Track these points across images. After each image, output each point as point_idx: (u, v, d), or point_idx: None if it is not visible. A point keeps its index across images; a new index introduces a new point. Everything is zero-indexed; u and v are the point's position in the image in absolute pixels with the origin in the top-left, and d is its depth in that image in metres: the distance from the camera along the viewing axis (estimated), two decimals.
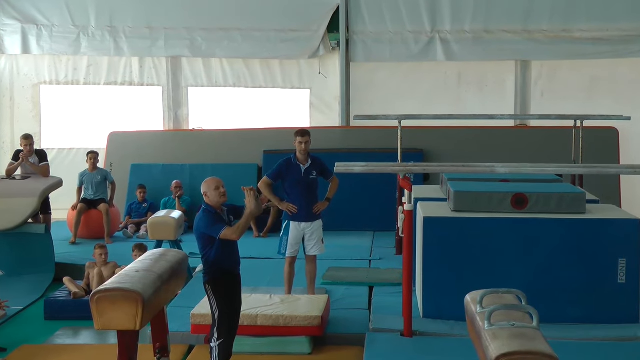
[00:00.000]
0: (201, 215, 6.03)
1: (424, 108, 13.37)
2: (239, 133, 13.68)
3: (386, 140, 12.58)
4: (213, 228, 5.89)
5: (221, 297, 5.96)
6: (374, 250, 10.98)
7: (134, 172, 13.41)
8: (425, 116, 11.70)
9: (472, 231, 7.18)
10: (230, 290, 6.02)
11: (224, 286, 5.98)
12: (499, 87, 13.99)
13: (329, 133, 13.28)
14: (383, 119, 11.33)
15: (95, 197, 11.96)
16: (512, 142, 13.14)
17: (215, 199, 6.02)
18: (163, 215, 9.57)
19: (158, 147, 13.66)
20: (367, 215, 12.52)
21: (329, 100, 14.24)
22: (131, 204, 12.73)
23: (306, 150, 8.01)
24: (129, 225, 12.35)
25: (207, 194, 6.03)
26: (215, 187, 6.03)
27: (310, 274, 8.18)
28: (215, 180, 6.08)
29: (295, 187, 8.00)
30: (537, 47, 13.63)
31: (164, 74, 14.38)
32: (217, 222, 5.91)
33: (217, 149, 13.52)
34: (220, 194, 6.02)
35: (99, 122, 14.43)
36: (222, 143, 13.56)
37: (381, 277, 9.09)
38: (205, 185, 6.07)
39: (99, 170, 12.18)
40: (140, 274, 5.22)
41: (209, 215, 5.96)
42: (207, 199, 6.04)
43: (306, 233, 8.05)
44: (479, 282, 5.93)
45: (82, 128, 14.53)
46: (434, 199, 8.23)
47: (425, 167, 7.54)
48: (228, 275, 6.03)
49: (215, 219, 5.94)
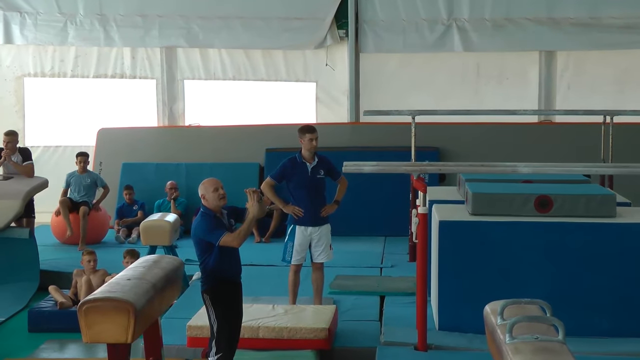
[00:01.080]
0: (199, 219, 6.02)
1: (440, 103, 13.37)
2: (240, 130, 13.70)
3: (398, 137, 12.58)
4: (212, 234, 5.89)
5: (220, 308, 5.97)
6: (386, 257, 10.97)
7: (125, 171, 13.43)
8: (440, 111, 11.70)
9: (492, 236, 7.17)
10: (230, 300, 6.02)
11: (224, 296, 5.99)
12: (521, 80, 13.98)
13: (337, 130, 13.30)
14: (395, 115, 11.30)
15: (79, 199, 12.00)
16: (535, 140, 13.13)
17: (214, 201, 6.01)
18: (157, 219, 9.58)
19: (151, 144, 13.68)
20: (378, 219, 12.52)
21: (336, 94, 14.24)
22: (120, 206, 12.76)
23: (316, 148, 8.00)
24: (120, 230, 12.37)
25: (205, 197, 6.03)
26: (213, 189, 6.02)
27: (316, 282, 8.17)
28: (213, 182, 6.07)
29: (300, 188, 7.99)
30: (562, 36, 13.62)
31: (157, 65, 14.41)
32: (217, 227, 5.91)
33: (215, 146, 13.53)
34: (220, 197, 6.02)
35: (88, 118, 14.47)
36: (221, 140, 13.57)
37: (393, 286, 9.08)
38: (203, 187, 6.07)
39: (89, 174, 12.22)
40: (132, 282, 5.21)
41: (208, 220, 5.96)
42: (205, 201, 6.04)
43: (313, 238, 8.05)
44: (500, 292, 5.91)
45: (69, 124, 14.57)
46: (450, 202, 8.22)
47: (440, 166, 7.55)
48: (228, 284, 6.04)
49: (215, 224, 5.94)
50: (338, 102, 14.23)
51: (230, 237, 5.86)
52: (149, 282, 5.32)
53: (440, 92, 13.86)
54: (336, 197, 8.18)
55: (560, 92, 13.94)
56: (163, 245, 9.45)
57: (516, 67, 13.98)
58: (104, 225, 12.28)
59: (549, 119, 13.69)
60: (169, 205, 12.63)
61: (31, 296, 9.67)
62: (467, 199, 7.65)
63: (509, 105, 13.20)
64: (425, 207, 6.84)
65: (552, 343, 3.91)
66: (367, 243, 11.89)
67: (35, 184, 10.73)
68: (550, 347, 3.87)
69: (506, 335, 3.98)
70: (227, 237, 5.86)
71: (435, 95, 13.80)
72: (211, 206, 6.02)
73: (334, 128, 13.28)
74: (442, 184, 12.15)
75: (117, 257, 9.63)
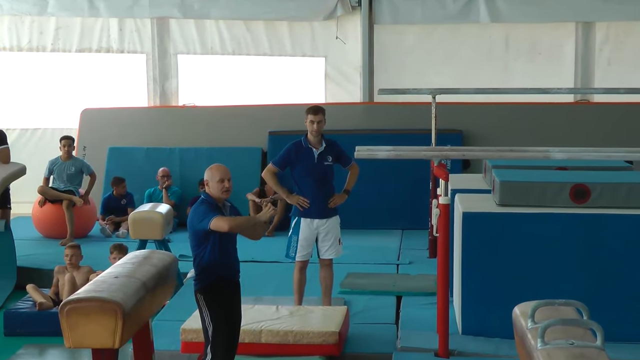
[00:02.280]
0: (197, 205, 6.05)
1: (464, 80, 13.35)
2: (240, 110, 13.69)
3: (417, 119, 12.58)
4: (206, 219, 5.91)
5: (216, 309, 5.98)
6: (403, 253, 10.99)
7: (112, 157, 13.45)
8: (464, 90, 11.68)
9: (522, 229, 7.17)
10: (227, 300, 6.03)
11: (220, 295, 6.00)
12: (555, 55, 13.93)
13: (348, 110, 13.29)
14: (413, 94, 11.31)
15: (64, 189, 12.02)
16: (571, 122, 13.10)
17: (216, 192, 6.05)
18: (147, 210, 9.60)
19: (141, 127, 13.68)
20: (394, 210, 12.52)
21: (348, 70, 14.23)
22: (107, 197, 12.77)
23: (319, 131, 8.00)
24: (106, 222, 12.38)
25: (209, 184, 6.06)
26: (219, 179, 6.05)
27: (325, 281, 8.18)
28: (221, 171, 6.09)
29: (306, 176, 7.99)
30: (602, 5, 13.56)
31: (148, 39, 14.41)
32: (212, 213, 5.93)
33: (213, 129, 13.54)
34: (223, 189, 6.05)
35: (70, 97, 14.48)
36: (218, 122, 13.58)
37: (411, 285, 9.10)
38: (209, 173, 6.09)
39: (74, 160, 12.23)
40: (120, 280, 5.24)
41: (206, 206, 5.99)
42: (208, 188, 6.08)
43: (320, 232, 8.05)
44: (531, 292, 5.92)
45: (48, 104, 14.58)
46: (475, 191, 8.24)
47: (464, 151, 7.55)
48: (224, 282, 6.05)
49: (212, 210, 5.96)
50: (350, 80, 14.21)
51: (222, 221, 5.86)
52: (139, 280, 5.36)
53: (464, 69, 13.83)
54: (346, 186, 8.18)
55: (599, 68, 13.89)
56: (154, 239, 9.46)
57: (550, 41, 13.94)
58: (89, 217, 12.31)
59: (586, 99, 13.65)
60: (161, 195, 12.64)
61: (7, 296, 9.70)
62: (494, 188, 7.65)
63: (541, 83, 13.16)
64: (448, 197, 6.85)
65: (589, 349, 3.91)
66: (381, 237, 11.89)
67: (11, 171, 10.72)
68: (587, 353, 3.86)
69: (538, 341, 3.98)
70: (220, 219, 5.86)
71: (458, 72, 13.76)
72: (211, 193, 6.07)
73: (344, 108, 13.27)
74: (466, 171, 12.13)
75: (103, 253, 9.63)
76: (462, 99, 12.56)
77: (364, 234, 11.88)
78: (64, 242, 11.16)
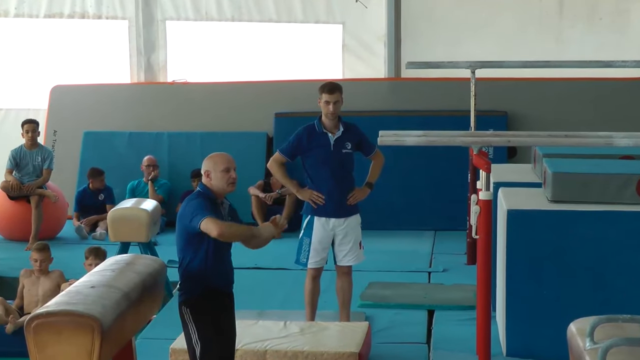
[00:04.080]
0: (191, 199, 6.04)
1: (508, 52, 13.31)
2: (240, 88, 13.70)
3: (453, 98, 12.57)
4: (197, 216, 5.89)
5: (204, 325, 5.99)
6: (436, 258, 11.00)
7: (87, 143, 13.47)
8: (510, 63, 11.59)
9: (579, 231, 7.16)
10: (217, 314, 6.04)
11: (209, 308, 6.01)
12: (619, 21, 13.88)
13: (370, 88, 13.29)
14: (448, 68, 11.31)
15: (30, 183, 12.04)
16: (638, 101, 13.04)
17: (220, 184, 6.05)
18: (130, 207, 9.62)
19: (123, 107, 13.70)
20: (425, 207, 12.53)
21: (369, 40, 14.22)
22: (81, 191, 12.78)
23: (336, 113, 7.98)
24: (81, 221, 12.40)
25: (210, 174, 6.06)
26: (224, 169, 6.05)
27: (342, 292, 8.18)
28: (225, 159, 6.10)
29: (321, 166, 7.99)
30: None
31: (131, 2, 14.42)
32: (206, 211, 5.93)
33: (208, 110, 13.55)
34: (229, 181, 6.06)
35: (38, 72, 14.50)
36: (215, 102, 13.59)
37: (445, 297, 9.11)
38: (211, 162, 6.09)
39: (40, 149, 12.22)
40: (98, 290, 5.23)
41: (201, 201, 5.97)
42: (208, 180, 6.07)
43: (337, 234, 8.05)
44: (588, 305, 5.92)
45: (12, 80, 14.60)
46: (523, 184, 8.23)
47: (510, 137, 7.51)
48: (215, 294, 6.07)
49: (207, 207, 5.94)
50: (372, 51, 14.21)
51: (214, 223, 5.83)
52: (120, 290, 5.35)
53: (508, 38, 13.81)
54: (368, 179, 8.17)
55: None
56: (138, 241, 9.48)
57: (613, 4, 13.88)
58: (59, 216, 12.33)
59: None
60: (146, 189, 12.68)
61: None
62: (546, 181, 7.63)
63: (602, 55, 13.11)
64: (490, 191, 6.80)
65: None
66: (410, 240, 11.90)
67: None
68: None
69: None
70: (211, 221, 5.83)
71: (502, 42, 13.74)
72: (214, 188, 6.06)
73: (366, 85, 13.27)
74: (511, 161, 12.14)
75: (77, 258, 9.64)
76: (507, 73, 12.54)
77: (390, 235, 11.89)
78: (31, 246, 11.17)
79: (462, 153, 10.63)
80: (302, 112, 12.04)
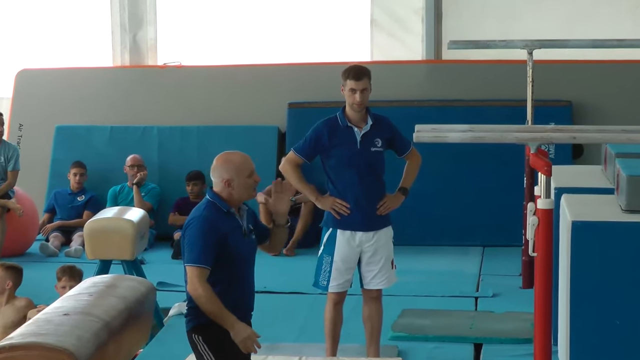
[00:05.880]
0: (198, 216, 6.09)
1: (573, 29, 13.31)
2: (245, 72, 13.77)
3: (505, 85, 12.67)
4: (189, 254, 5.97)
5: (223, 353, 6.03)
6: (484, 280, 11.06)
7: (60, 139, 13.55)
8: (575, 42, 11.56)
9: None
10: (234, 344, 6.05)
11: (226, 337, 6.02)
12: None
13: (404, 72, 13.37)
14: (500, 48, 11.28)
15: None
16: None
17: (245, 192, 6.19)
18: (112, 217, 9.63)
19: (103, 96, 13.78)
20: (471, 218, 12.59)
21: (404, 14, 14.24)
22: (56, 193, 12.87)
23: (363, 104, 8.01)
24: (50, 234, 12.41)
25: (233, 183, 6.13)
26: (249, 173, 6.19)
27: (371, 321, 8.20)
28: (247, 160, 6.25)
29: (345, 168, 8.03)
30: None
31: None
32: (203, 252, 5.96)
33: (206, 100, 13.62)
34: (252, 186, 6.22)
35: (1, 53, 14.55)
36: (215, 90, 13.67)
37: (496, 328, 9.13)
38: (232, 167, 6.17)
39: (3, 146, 12.29)
40: (73, 319, 5.25)
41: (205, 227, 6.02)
42: (228, 189, 6.13)
43: (364, 251, 8.07)
44: None
45: None
46: (591, 190, 8.20)
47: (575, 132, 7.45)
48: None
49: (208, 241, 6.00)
50: (407, 28, 14.22)
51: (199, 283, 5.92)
52: (100, 319, 5.37)
53: (573, 12, 13.80)
54: (402, 183, 8.21)
55: None
56: (122, 259, 9.46)
57: None
58: (29, 227, 12.37)
59: None
60: (131, 195, 12.73)
61: None
62: (619, 186, 7.58)
63: None
64: (551, 199, 6.75)
65: None
66: (452, 258, 11.97)
67: None
68: None
69: None
70: (198, 277, 5.92)
71: (565, 18, 13.75)
72: (234, 197, 6.14)
73: (399, 70, 13.33)
74: (577, 161, 12.17)
75: (47, 278, 9.69)
76: (572, 55, 12.60)
77: (428, 252, 11.97)
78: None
79: (517, 152, 10.64)
80: (322, 103, 12.12)
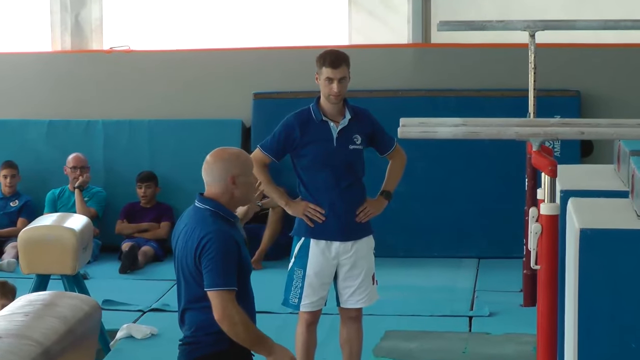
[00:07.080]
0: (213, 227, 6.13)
1: (581, 9, 13.37)
2: (205, 58, 13.86)
3: (503, 72, 12.79)
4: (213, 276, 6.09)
5: None
6: (479, 297, 11.15)
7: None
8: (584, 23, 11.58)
9: None
10: None
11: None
12: None
13: (388, 58, 13.45)
14: (498, 30, 11.35)
15: None
16: None
17: (247, 191, 6.31)
18: (50, 225, 9.59)
19: (40, 85, 13.87)
20: (465, 226, 12.67)
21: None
22: None
23: (341, 94, 8.04)
24: None
25: (238, 180, 6.20)
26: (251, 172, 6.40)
27: (350, 344, 8.26)
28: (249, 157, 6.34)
29: (319, 168, 8.08)
30: None
31: None
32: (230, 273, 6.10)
33: (160, 90, 13.70)
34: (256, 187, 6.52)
35: None
36: (170, 78, 13.75)
37: (493, 353, 9.23)
38: (238, 162, 6.25)
39: None
40: (4, 343, 5.19)
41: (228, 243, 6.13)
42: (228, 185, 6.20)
43: (342, 263, 8.13)
44: None
45: None
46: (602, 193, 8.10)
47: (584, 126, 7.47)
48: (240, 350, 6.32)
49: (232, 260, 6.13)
50: (390, 7, 14.27)
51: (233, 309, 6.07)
52: (37, 343, 5.32)
53: None
54: (385, 186, 8.27)
55: None
56: (62, 274, 9.45)
57: None
58: None
59: None
60: (73, 199, 12.75)
61: None
62: (634, 189, 7.52)
63: None
64: (556, 203, 6.82)
65: None
66: (444, 271, 12.06)
67: None
68: None
69: None
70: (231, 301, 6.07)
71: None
72: (232, 199, 6.26)
73: (382, 55, 13.43)
74: (586, 160, 12.26)
75: None
76: (580, 37, 12.65)
77: (415, 265, 12.06)
78: None
79: (517, 150, 10.69)
80: (292, 93, 12.22)
